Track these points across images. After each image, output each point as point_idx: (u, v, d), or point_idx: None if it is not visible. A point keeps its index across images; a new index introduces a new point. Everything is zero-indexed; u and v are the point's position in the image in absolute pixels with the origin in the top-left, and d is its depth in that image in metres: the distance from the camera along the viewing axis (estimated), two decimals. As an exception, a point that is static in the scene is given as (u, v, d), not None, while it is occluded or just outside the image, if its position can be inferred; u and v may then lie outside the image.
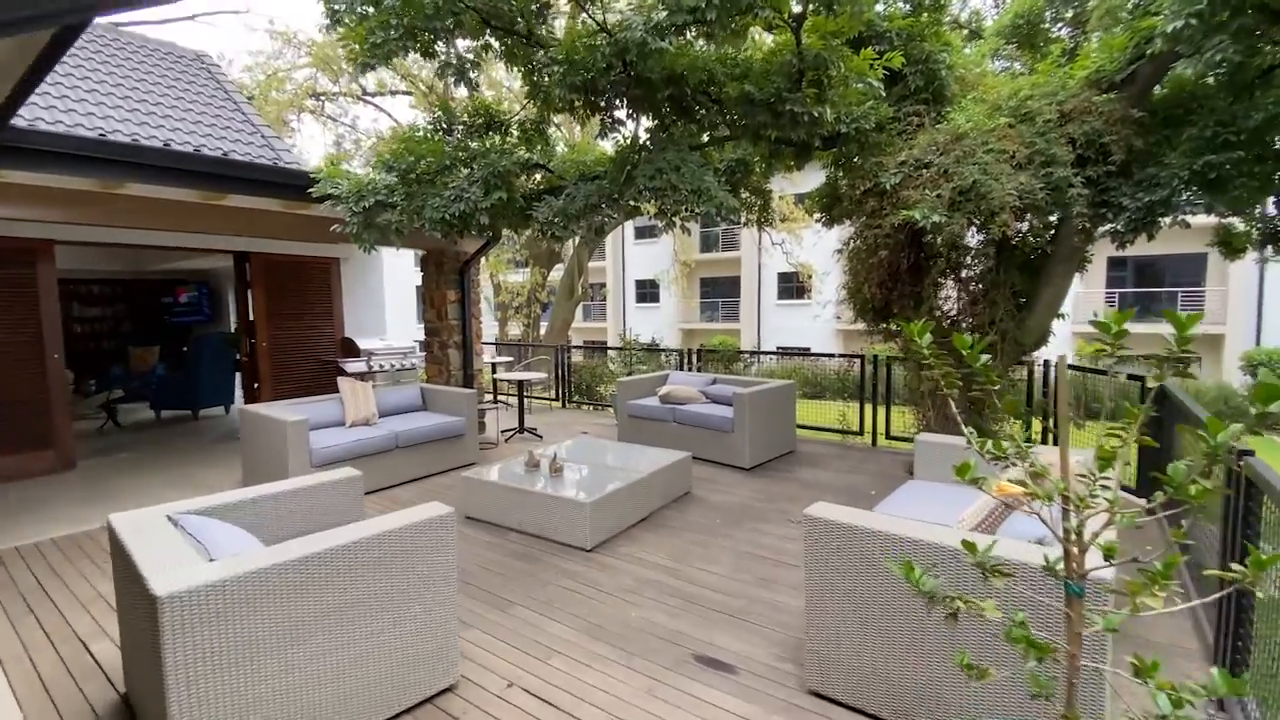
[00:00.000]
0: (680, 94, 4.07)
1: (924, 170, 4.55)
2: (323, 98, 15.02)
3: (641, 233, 27.20)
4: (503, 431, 7.53)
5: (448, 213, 4.08)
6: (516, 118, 5.16)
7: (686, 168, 3.65)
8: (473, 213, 4.08)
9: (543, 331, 20.42)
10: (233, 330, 10.02)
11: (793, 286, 23.05)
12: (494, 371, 9.86)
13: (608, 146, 6.03)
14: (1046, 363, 6.15)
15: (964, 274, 5.16)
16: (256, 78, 13.76)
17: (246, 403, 7.68)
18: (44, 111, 5.69)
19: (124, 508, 5.03)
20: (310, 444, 4.94)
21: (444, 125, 4.93)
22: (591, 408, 9.46)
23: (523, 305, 20.20)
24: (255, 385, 7.50)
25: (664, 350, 10.08)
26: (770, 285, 23.65)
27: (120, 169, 4.30)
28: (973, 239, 5.01)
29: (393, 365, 8.11)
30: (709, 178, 3.64)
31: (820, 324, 22.27)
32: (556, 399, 9.75)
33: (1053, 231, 4.91)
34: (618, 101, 3.94)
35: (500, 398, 9.80)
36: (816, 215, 7.89)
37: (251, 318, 7.43)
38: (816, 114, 3.92)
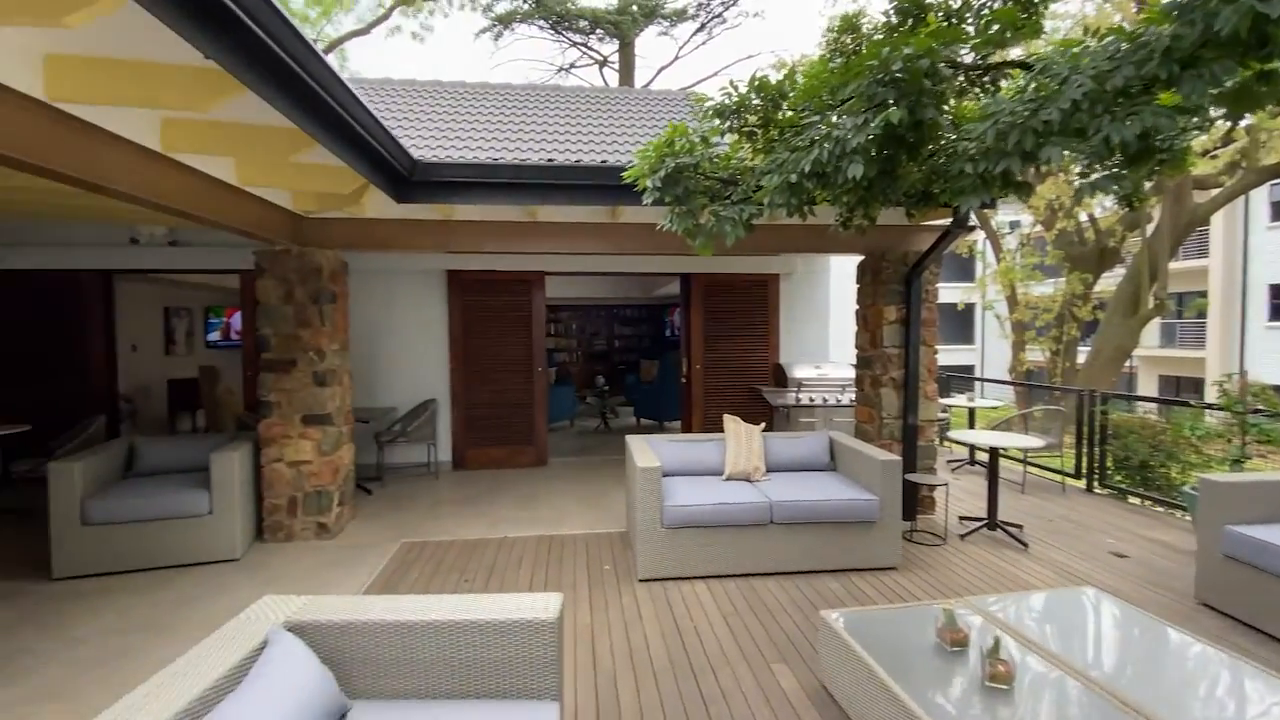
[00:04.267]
0: None
1: None
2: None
3: (1288, 210, 17.06)
4: (963, 519, 4.98)
5: (794, 172, 2.33)
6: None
7: None
8: (836, 160, 2.20)
9: (1079, 361, 14.94)
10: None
11: None
12: (971, 422, 7.08)
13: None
14: None
15: None
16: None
17: (682, 427, 7.57)
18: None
19: (533, 523, 5.21)
20: (665, 498, 3.96)
21: (845, 48, 3.14)
22: (1144, 502, 5.60)
23: (1050, 325, 15.28)
24: (689, 408, 7.27)
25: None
26: None
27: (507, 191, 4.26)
28: None
29: (825, 399, 6.61)
30: None
31: None
32: (1077, 475, 6.23)
33: None
34: None
35: (978, 459, 6.96)
36: None
37: (690, 339, 7.22)
38: None
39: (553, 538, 4.66)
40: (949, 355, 5.56)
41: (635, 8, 14.72)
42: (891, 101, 2.17)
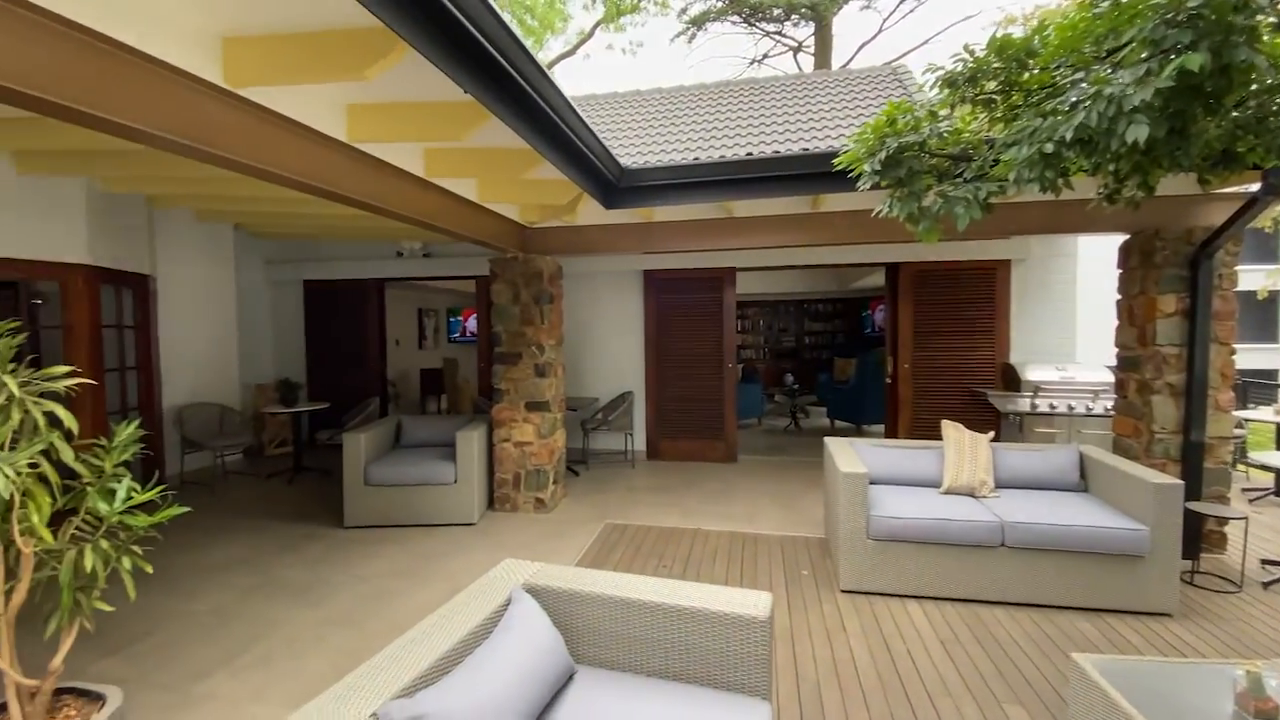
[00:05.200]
0: None
1: None
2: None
3: None
4: (1267, 564, 3.91)
5: (1050, 140, 2.00)
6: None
7: None
8: (1110, 121, 1.85)
9: None
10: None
11: None
12: (1279, 442, 5.52)
13: None
14: None
15: None
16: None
17: (886, 432, 7.02)
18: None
19: (712, 519, 5.21)
20: (870, 507, 3.70)
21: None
22: None
23: None
24: (895, 411, 6.72)
25: None
26: None
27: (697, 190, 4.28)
28: None
29: (1070, 407, 5.67)
30: None
31: None
32: None
33: None
34: None
35: (1297, 488, 5.40)
36: None
37: (896, 335, 6.66)
38: None
39: (745, 535, 4.64)
40: (1243, 357, 4.25)
41: (835, -14, 13.94)
42: (1184, 45, 1.76)
